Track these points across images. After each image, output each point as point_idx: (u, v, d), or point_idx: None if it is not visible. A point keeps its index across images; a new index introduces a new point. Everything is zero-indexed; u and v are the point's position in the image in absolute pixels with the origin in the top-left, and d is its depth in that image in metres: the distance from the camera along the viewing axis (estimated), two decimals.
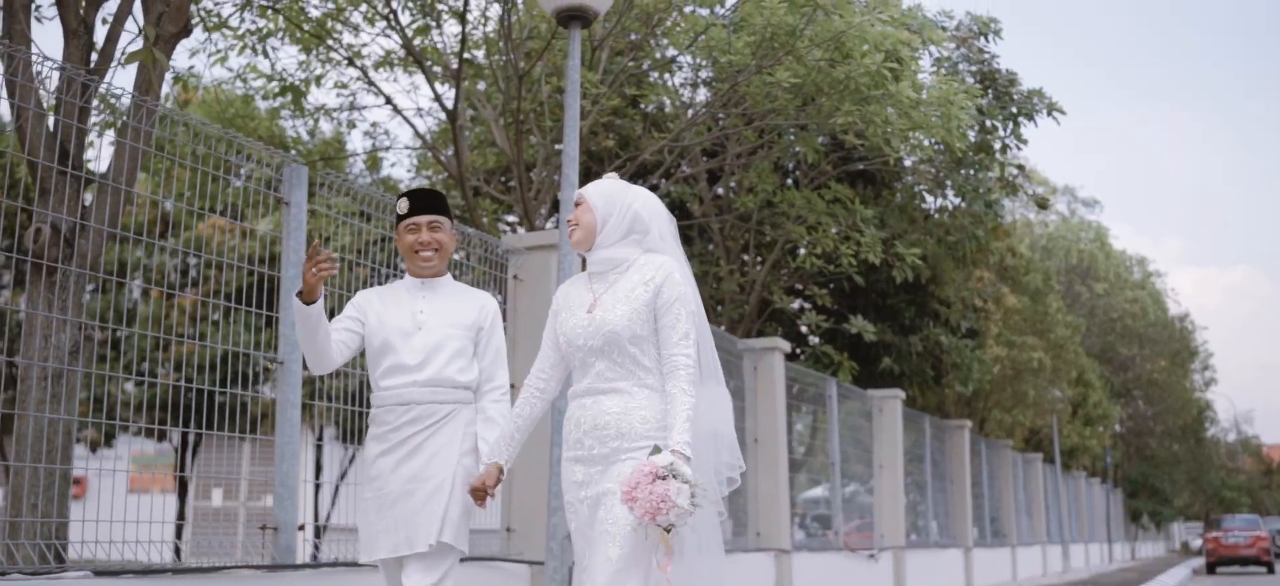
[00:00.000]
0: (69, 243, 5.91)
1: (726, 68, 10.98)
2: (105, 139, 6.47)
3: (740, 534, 10.56)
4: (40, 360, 5.72)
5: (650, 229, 3.61)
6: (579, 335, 3.53)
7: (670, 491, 3.14)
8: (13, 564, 5.10)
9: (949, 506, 17.72)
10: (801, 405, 12.63)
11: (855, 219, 12.58)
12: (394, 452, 3.84)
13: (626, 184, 3.70)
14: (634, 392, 3.47)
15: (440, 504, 3.77)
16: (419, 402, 3.84)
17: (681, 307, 3.49)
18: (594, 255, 3.61)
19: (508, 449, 3.71)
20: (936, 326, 15.91)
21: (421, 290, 4.01)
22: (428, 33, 11.67)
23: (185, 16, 6.42)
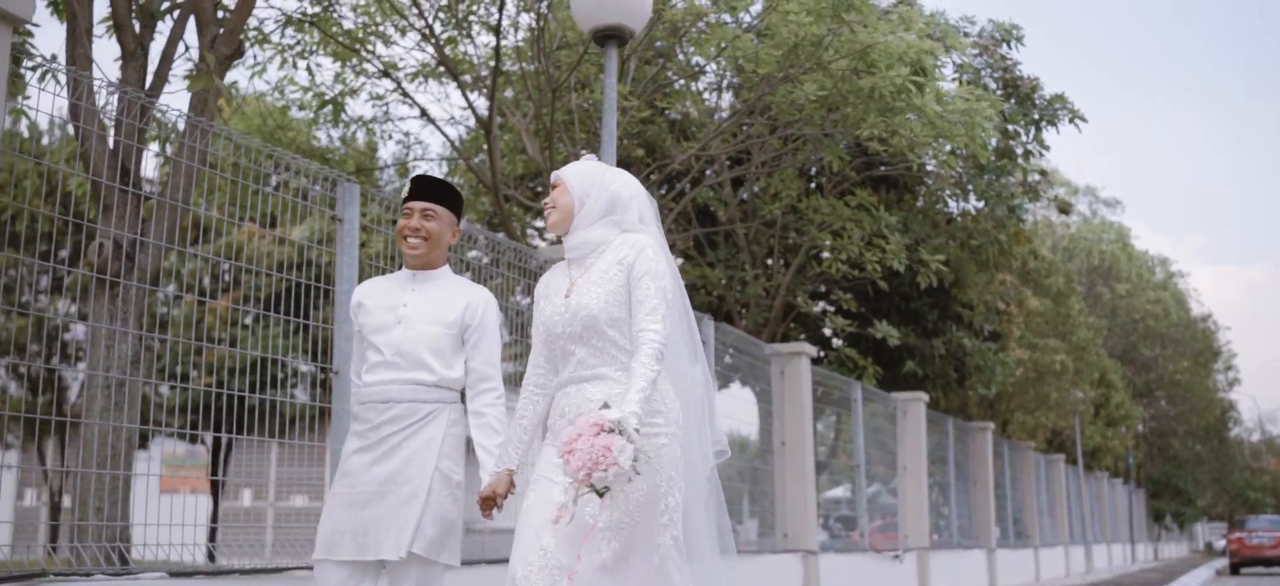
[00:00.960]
0: (130, 257, 6.19)
1: (753, 77, 11.20)
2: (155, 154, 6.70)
3: (768, 534, 10.77)
4: (103, 370, 6.00)
5: (629, 209, 3.52)
6: (557, 322, 3.43)
7: (613, 446, 2.98)
8: (81, 564, 5.32)
9: (972, 507, 17.87)
10: (824, 408, 12.81)
11: (880, 225, 12.77)
12: (370, 451, 3.69)
13: (605, 166, 3.62)
14: (618, 378, 3.34)
15: (414, 512, 3.60)
16: (398, 401, 3.69)
17: (651, 282, 3.37)
18: (571, 238, 3.51)
19: (517, 453, 3.56)
20: (959, 329, 16.08)
21: (411, 282, 3.87)
22: (456, 43, 11.95)
23: (238, 39, 6.69)
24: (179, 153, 6.39)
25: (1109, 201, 40.64)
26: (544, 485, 3.35)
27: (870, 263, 12.77)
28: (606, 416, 3.04)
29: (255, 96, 12.01)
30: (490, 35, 12.41)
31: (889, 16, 11.26)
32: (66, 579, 4.30)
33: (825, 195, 14.30)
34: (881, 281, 13.81)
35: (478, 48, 11.91)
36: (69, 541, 5.55)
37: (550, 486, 3.31)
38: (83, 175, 6.39)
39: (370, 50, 11.81)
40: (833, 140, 11.94)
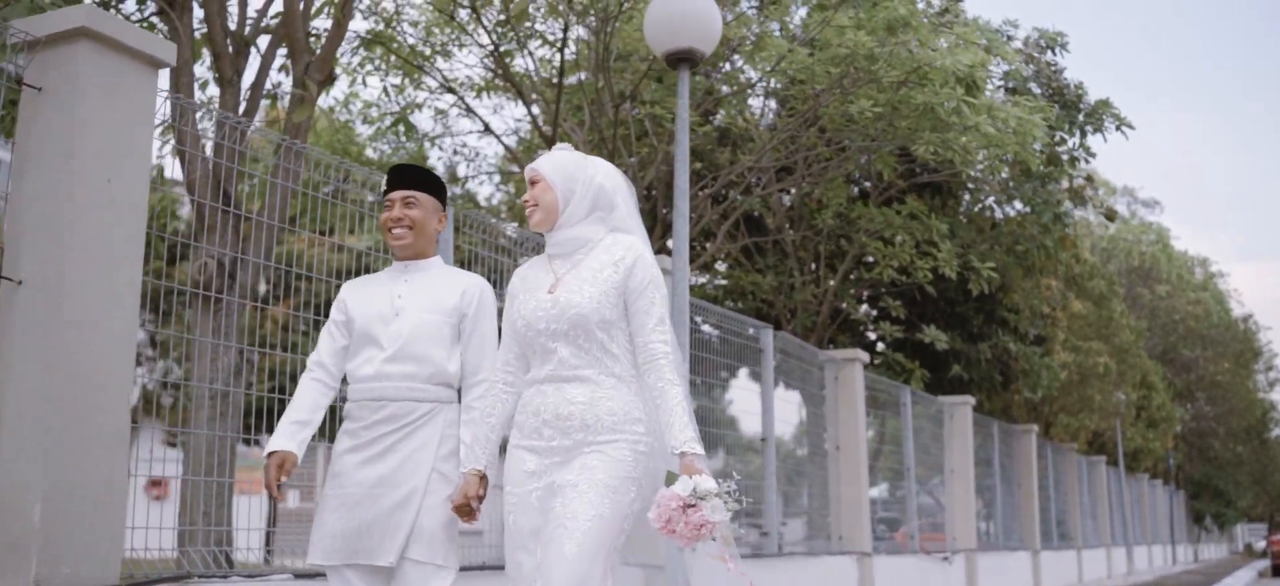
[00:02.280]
0: (231, 275, 6.53)
1: (804, 89, 11.44)
2: (252, 175, 7.05)
3: (815, 535, 11.02)
4: (208, 382, 6.34)
5: (616, 205, 3.38)
6: (540, 318, 3.26)
7: (707, 514, 2.95)
8: (190, 567, 5.61)
9: (1017, 509, 18.04)
10: (870, 411, 13.05)
11: (931, 233, 12.98)
12: (363, 451, 3.51)
13: (583, 156, 3.44)
14: (601, 381, 3.21)
15: (408, 516, 3.44)
16: (393, 399, 3.51)
17: (656, 292, 3.25)
18: (556, 236, 3.35)
19: (484, 452, 3.41)
20: (1005, 333, 16.26)
21: (403, 273, 3.70)
22: (512, 56, 12.27)
23: (330, 66, 7.02)
24: (274, 173, 6.72)
25: (1147, 202, 40.51)
26: (518, 507, 3.25)
27: (921, 269, 12.99)
28: (681, 494, 2.96)
29: (326, 112, 12.38)
30: (547, 49, 12.76)
31: (940, 29, 11.49)
32: (208, 580, 4.60)
33: (871, 202, 14.53)
34: (930, 287, 14.02)
35: (537, 63, 12.21)
36: (177, 546, 5.85)
37: (525, 504, 3.22)
38: (187, 196, 6.73)
39: (433, 66, 12.14)
40: (883, 150, 12.16)
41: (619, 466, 3.16)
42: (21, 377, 3.86)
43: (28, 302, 3.91)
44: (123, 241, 4.10)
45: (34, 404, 3.82)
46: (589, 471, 3.13)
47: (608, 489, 3.12)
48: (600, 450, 3.15)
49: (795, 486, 11.42)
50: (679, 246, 6.94)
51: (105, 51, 4.07)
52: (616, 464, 3.15)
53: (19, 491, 3.74)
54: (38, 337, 3.87)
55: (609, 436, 3.16)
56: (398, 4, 11.48)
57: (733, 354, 9.87)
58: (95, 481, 3.90)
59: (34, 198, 3.99)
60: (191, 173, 6.62)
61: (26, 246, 3.96)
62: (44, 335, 3.86)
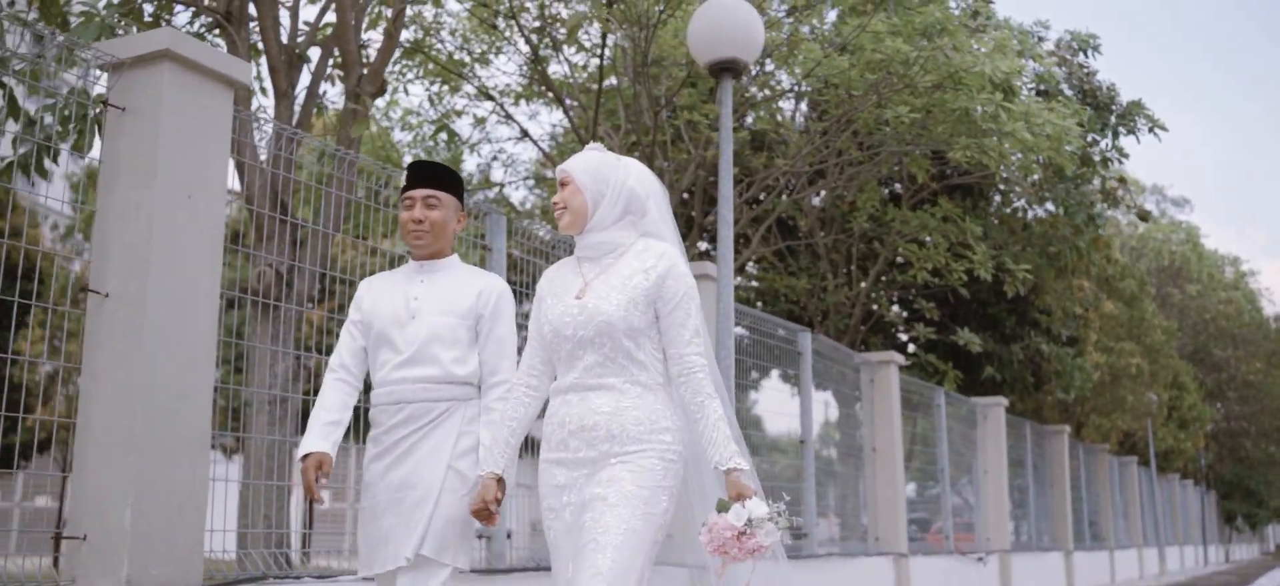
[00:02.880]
0: (289, 283, 6.71)
1: (839, 94, 11.54)
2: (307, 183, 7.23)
3: (849, 536, 11.13)
4: (267, 388, 6.52)
5: (647, 209, 3.30)
6: (567, 323, 3.19)
7: (761, 540, 2.95)
8: (247, 570, 5.76)
9: (1049, 510, 18.06)
10: (902, 411, 13.13)
11: (965, 235, 13.06)
12: (385, 457, 3.51)
13: (614, 156, 3.34)
14: (626, 390, 3.13)
15: (424, 513, 3.41)
16: (411, 401, 3.48)
17: (691, 302, 3.17)
18: (585, 239, 3.27)
19: (503, 456, 3.34)
20: (1037, 335, 16.30)
21: (419, 274, 3.64)
22: (548, 62, 12.43)
23: (381, 78, 7.18)
24: (328, 183, 6.89)
25: (1177, 200, 40.35)
26: (553, 519, 3.21)
27: (955, 272, 13.06)
28: (734, 523, 2.95)
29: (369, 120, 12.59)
30: (582, 54, 12.92)
31: (975, 31, 11.56)
32: (282, 582, 4.75)
33: (903, 203, 14.61)
34: (963, 289, 14.09)
35: (573, 69, 12.36)
36: (239, 547, 6.00)
37: (558, 516, 3.18)
38: (246, 205, 6.91)
39: (471, 73, 12.31)
40: (917, 153, 12.25)
41: (648, 476, 3.09)
42: (109, 386, 4.03)
43: (113, 314, 4.08)
44: (202, 255, 4.26)
45: (121, 411, 3.98)
46: (617, 483, 3.06)
47: (638, 500, 3.06)
48: (627, 461, 3.08)
49: (822, 486, 11.53)
50: (723, 253, 7.05)
51: (185, 73, 4.23)
52: (646, 474, 3.09)
53: (111, 495, 3.90)
54: (123, 348, 4.03)
55: (636, 446, 3.09)
56: (436, 13, 11.66)
57: (765, 355, 9.98)
58: (178, 486, 4.07)
59: (119, 213, 4.16)
60: (250, 184, 6.81)
61: (112, 260, 4.12)
62: (129, 345, 4.03)
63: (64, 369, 18.64)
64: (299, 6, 7.77)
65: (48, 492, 30.36)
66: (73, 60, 5.26)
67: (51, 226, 21.12)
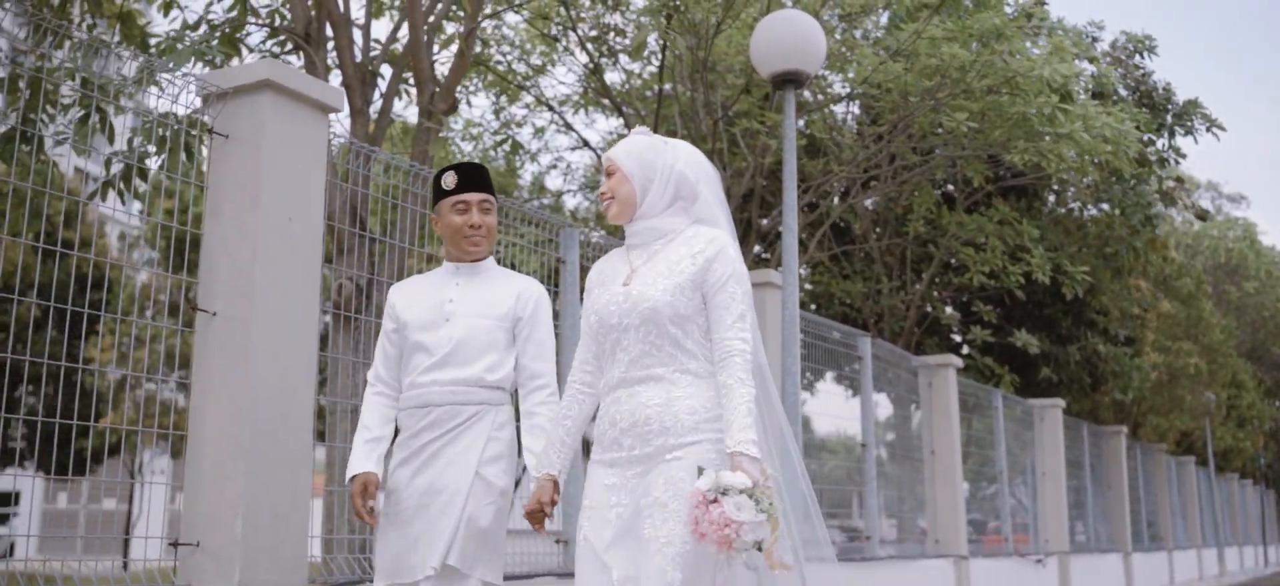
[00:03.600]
0: (368, 296, 6.93)
1: (894, 100, 11.62)
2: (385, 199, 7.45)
3: (905, 538, 11.20)
4: (349, 397, 6.74)
5: (699, 193, 3.15)
6: (612, 311, 3.06)
7: (728, 512, 2.70)
8: (334, 575, 5.95)
9: (1107, 511, 17.99)
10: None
11: (1022, 238, 13.09)
12: (412, 462, 3.43)
13: (661, 139, 3.21)
14: (676, 380, 2.99)
15: (450, 521, 3.33)
16: (439, 404, 3.41)
17: (737, 286, 3.02)
18: (634, 226, 3.16)
19: (559, 456, 3.21)
20: (1094, 335, 16.26)
21: (455, 277, 3.57)
22: (603, 71, 12.62)
23: (452, 96, 7.39)
24: (403, 198, 7.11)
25: (1233, 197, 39.84)
26: (594, 519, 3.04)
27: (1012, 274, 13.09)
28: (702, 488, 2.75)
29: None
30: (637, 61, 13.09)
31: (1028, 33, 11.59)
32: None
33: (957, 205, 14.64)
34: (1019, 291, 14.11)
35: (629, 77, 12.54)
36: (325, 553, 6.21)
37: (603, 515, 3.01)
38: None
39: (531, 84, 12.53)
40: (973, 156, 12.30)
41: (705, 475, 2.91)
42: (218, 400, 4.25)
43: (221, 332, 4.30)
44: (302, 275, 4.47)
45: (230, 424, 4.20)
46: (675, 484, 2.92)
47: None
48: (682, 458, 2.92)
49: (865, 487, 11.57)
50: (788, 262, 7.18)
51: (284, 101, 4.45)
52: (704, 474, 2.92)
53: (223, 505, 4.12)
54: (231, 364, 4.25)
55: (692, 438, 2.94)
56: (496, 25, 11.89)
57: (820, 358, 10.09)
58: (284, 495, 4.28)
59: (225, 236, 4.38)
60: (330, 200, 7.04)
61: (220, 280, 4.34)
62: (236, 362, 4.24)
63: (131, 377, 19.10)
64: (370, 25, 7.99)
65: (114, 495, 31.13)
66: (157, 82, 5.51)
67: (118, 237, 21.63)
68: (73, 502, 33.07)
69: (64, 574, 4.23)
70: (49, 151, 6.60)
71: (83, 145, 5.66)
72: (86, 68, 5.51)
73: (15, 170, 5.72)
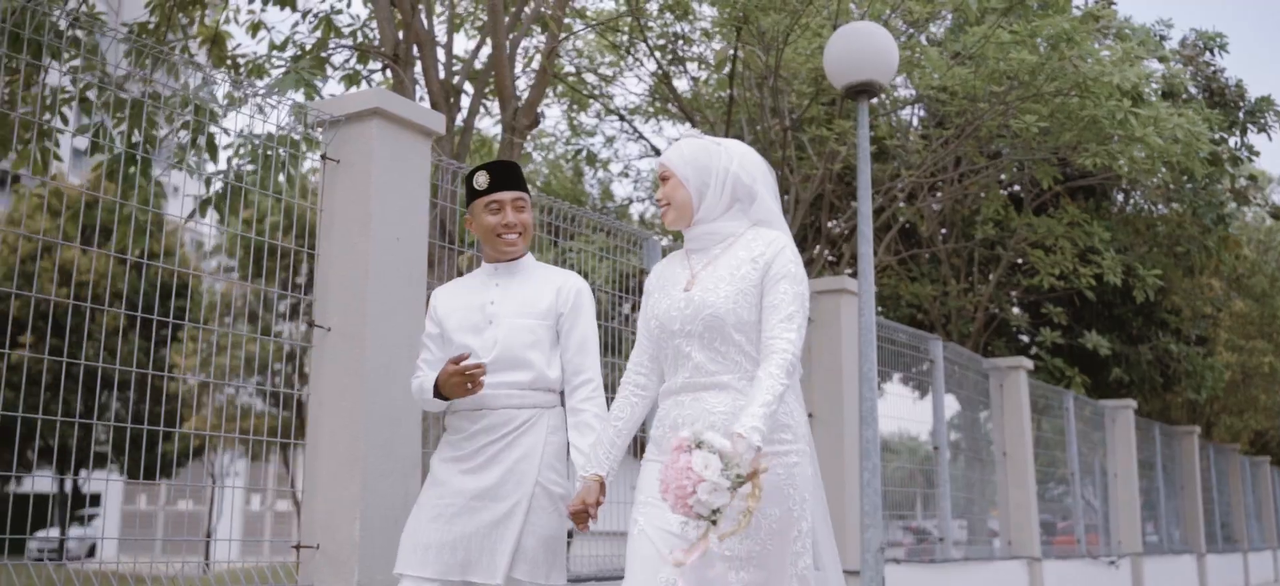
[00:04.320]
0: None
1: (962, 102, 11.68)
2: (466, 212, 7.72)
3: (976, 540, 11.25)
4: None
5: (756, 194, 3.11)
6: (674, 317, 3.02)
7: (694, 464, 2.61)
8: None
9: (1180, 512, 17.84)
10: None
11: (1092, 239, 13.08)
12: (464, 461, 3.37)
13: (713, 141, 3.16)
14: (743, 388, 2.94)
15: (512, 532, 3.28)
16: (494, 407, 3.36)
17: (789, 285, 2.97)
18: (694, 231, 3.11)
19: (607, 457, 3.17)
20: (1166, 335, 16.15)
21: (494, 277, 3.52)
22: (671, 78, 12.82)
23: (535, 111, 7.62)
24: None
25: None
26: (654, 510, 2.97)
27: (1083, 276, 13.09)
28: (682, 435, 2.71)
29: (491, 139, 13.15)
30: (703, 69, 13.27)
31: (1096, 33, 11.59)
32: None
33: (1025, 207, 14.64)
34: (1089, 293, 14.08)
35: (698, 84, 12.72)
36: None
37: (661, 510, 2.92)
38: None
39: (600, 93, 12.75)
40: (1042, 158, 12.32)
41: (772, 489, 2.90)
42: (334, 411, 4.50)
43: (336, 347, 4.55)
44: (410, 291, 4.71)
45: (345, 435, 4.44)
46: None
47: (766, 516, 2.90)
48: None
49: (937, 489, 11.64)
50: (863, 269, 7.31)
51: (391, 126, 4.69)
52: (772, 491, 2.90)
53: (341, 510, 4.37)
54: (345, 377, 4.50)
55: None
56: (563, 35, 12.13)
57: (887, 360, 10.19)
58: (396, 501, 4.51)
59: (337, 255, 4.63)
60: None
61: (333, 297, 4.60)
62: (350, 375, 4.49)
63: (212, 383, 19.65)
64: (451, 42, 8.26)
65: (189, 497, 32.00)
66: (260, 106, 5.79)
67: (196, 247, 22.23)
68: (151, 504, 33.92)
69: (152, 575, 4.44)
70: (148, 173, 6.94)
71: (193, 166, 5.97)
72: (196, 94, 5.82)
73: (122, 190, 6.05)
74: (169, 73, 5.73)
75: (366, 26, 8.97)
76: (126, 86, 7.03)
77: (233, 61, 9.20)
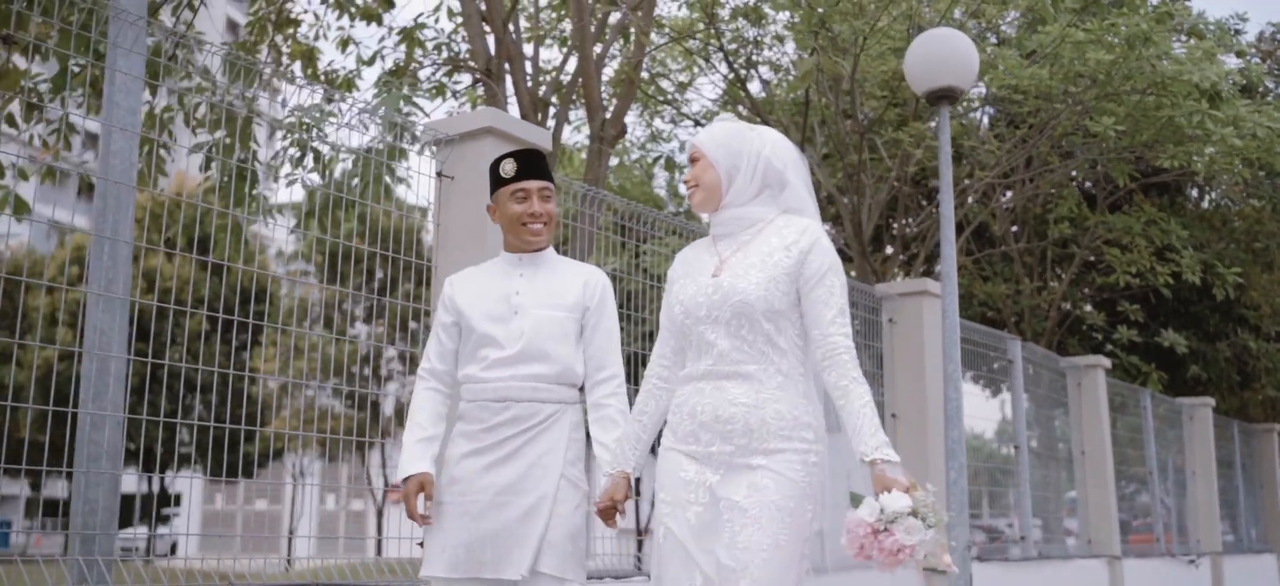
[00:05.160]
0: None
1: (1037, 102, 11.71)
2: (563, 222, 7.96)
3: (1053, 539, 11.28)
4: None
5: (788, 180, 3.03)
6: (701, 304, 2.94)
7: (901, 538, 2.60)
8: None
9: (1260, 511, 17.64)
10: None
11: (1170, 238, 13.03)
12: (485, 456, 3.26)
13: (747, 125, 3.11)
14: (766, 379, 2.88)
15: (538, 525, 3.19)
16: (518, 400, 3.26)
17: (835, 279, 2.90)
18: (721, 215, 3.04)
19: (634, 453, 3.12)
20: (1244, 332, 16.00)
21: (517, 267, 3.43)
22: (745, 82, 12.98)
23: (620, 122, 7.84)
24: (576, 219, 7.59)
25: None
26: (681, 511, 2.91)
27: (1161, 275, 13.04)
28: (867, 520, 2.64)
29: (575, 148, 13.40)
30: (774, 73, 13.43)
31: (1171, 29, 11.56)
32: (631, 580, 5.39)
33: (1098, 204, 14.60)
34: (1166, 291, 14.02)
35: (772, 89, 12.87)
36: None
37: (683, 510, 2.90)
38: None
39: (676, 99, 12.96)
40: (1118, 158, 12.31)
41: (792, 486, 2.85)
42: None
43: None
44: None
45: None
46: (759, 492, 2.82)
47: (783, 511, 2.83)
48: (767, 465, 2.83)
49: (1001, 486, 11.69)
50: (947, 271, 7.41)
51: (503, 144, 4.92)
52: (789, 484, 2.85)
53: None
54: None
55: (777, 444, 2.85)
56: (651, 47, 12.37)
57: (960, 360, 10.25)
58: None
59: (452, 268, 4.86)
60: None
61: None
62: None
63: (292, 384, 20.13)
64: (537, 56, 8.50)
65: (265, 496, 32.79)
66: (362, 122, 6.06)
67: (276, 254, 22.78)
68: (228, 504, 34.74)
69: (236, 572, 4.56)
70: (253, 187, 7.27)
71: (305, 180, 6.26)
72: (311, 112, 6.11)
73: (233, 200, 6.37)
74: (264, 89, 6.02)
75: (453, 40, 9.25)
76: (233, 103, 7.37)
77: (327, 77, 9.54)
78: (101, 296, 4.27)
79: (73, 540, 4.06)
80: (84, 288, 4.43)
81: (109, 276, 4.37)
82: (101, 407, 4.12)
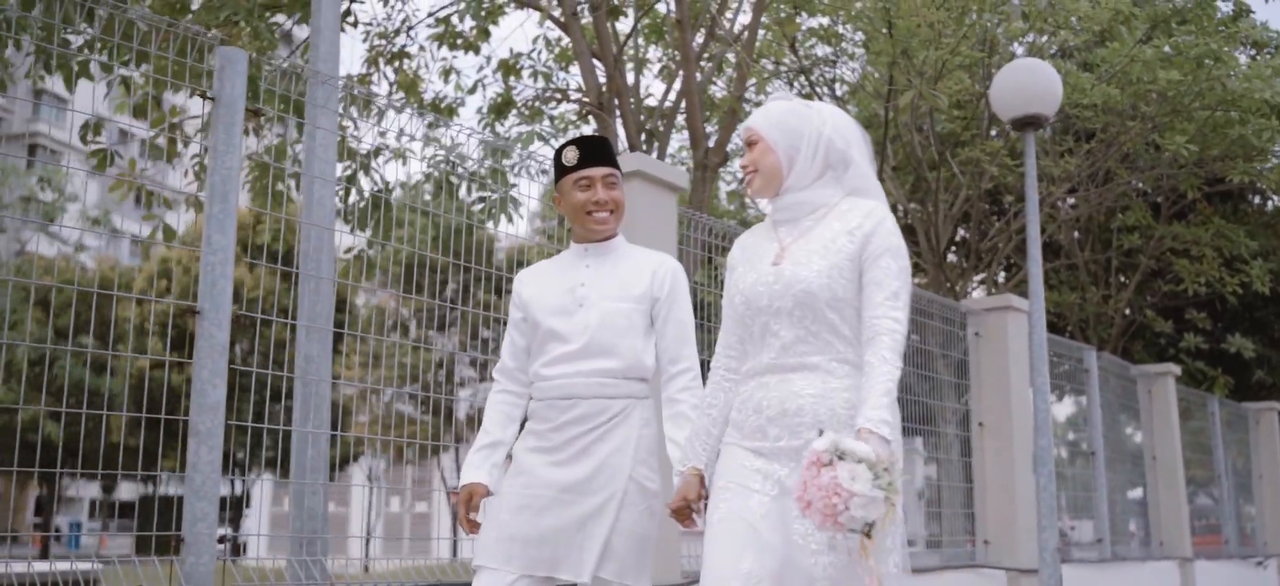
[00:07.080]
0: None
1: (1108, 118, 12.09)
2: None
3: (1120, 542, 11.64)
4: None
5: (851, 159, 2.88)
6: (761, 293, 2.82)
7: (840, 478, 2.43)
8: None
9: None
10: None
11: (1239, 248, 13.35)
12: (551, 453, 3.15)
13: (804, 103, 2.94)
14: (834, 369, 2.75)
15: (603, 529, 3.07)
16: (584, 397, 3.13)
17: (892, 261, 2.75)
18: (782, 200, 2.89)
19: (705, 449, 2.96)
20: None
21: (584, 259, 3.28)
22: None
23: (723, 150, 8.36)
24: (682, 242, 8.12)
25: None
26: (735, 495, 2.79)
27: (1230, 285, 13.37)
28: (818, 449, 2.49)
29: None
30: (843, 88, 13.88)
31: (1230, 38, 11.89)
32: None
33: (1162, 213, 14.92)
34: (1233, 299, 14.33)
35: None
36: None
37: (744, 495, 2.77)
38: None
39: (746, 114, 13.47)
40: (1187, 172, 12.66)
41: None
42: None
43: None
44: None
45: None
46: None
47: None
48: None
49: (1094, 492, 12.05)
50: (1034, 288, 7.84)
51: (648, 186, 5.46)
52: None
53: None
54: None
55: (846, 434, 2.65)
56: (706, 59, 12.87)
57: None
58: None
59: None
60: None
61: None
62: None
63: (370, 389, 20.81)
64: (638, 86, 9.05)
65: (336, 500, 33.52)
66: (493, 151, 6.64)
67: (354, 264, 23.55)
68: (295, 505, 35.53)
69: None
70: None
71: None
72: (453, 151, 6.69)
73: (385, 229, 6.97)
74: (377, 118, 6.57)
75: (552, 71, 9.80)
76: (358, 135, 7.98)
77: (434, 105, 10.15)
78: (310, 327, 4.87)
79: (296, 544, 4.64)
80: (289, 320, 5.02)
81: (313, 310, 4.97)
82: (319, 424, 4.70)
